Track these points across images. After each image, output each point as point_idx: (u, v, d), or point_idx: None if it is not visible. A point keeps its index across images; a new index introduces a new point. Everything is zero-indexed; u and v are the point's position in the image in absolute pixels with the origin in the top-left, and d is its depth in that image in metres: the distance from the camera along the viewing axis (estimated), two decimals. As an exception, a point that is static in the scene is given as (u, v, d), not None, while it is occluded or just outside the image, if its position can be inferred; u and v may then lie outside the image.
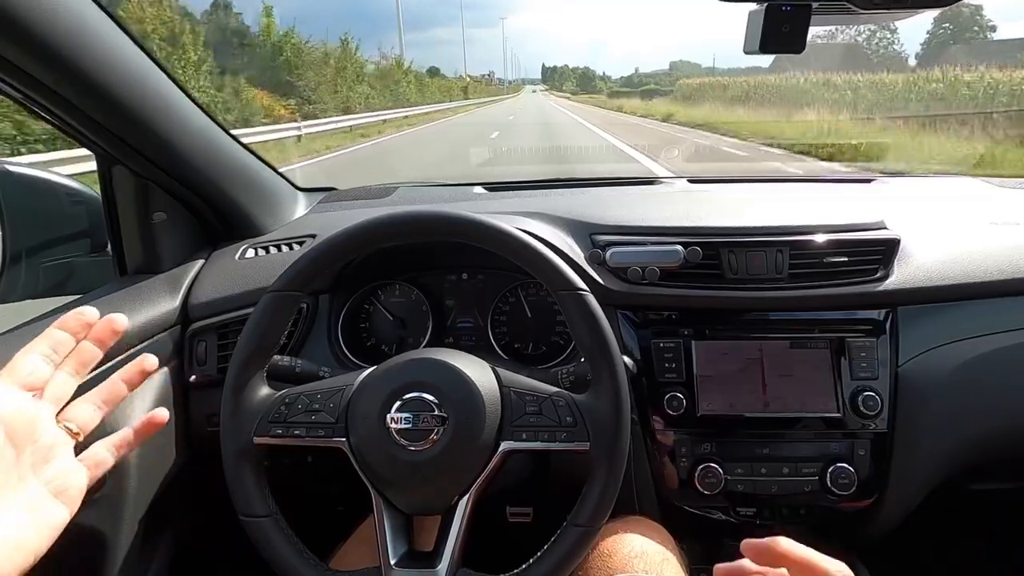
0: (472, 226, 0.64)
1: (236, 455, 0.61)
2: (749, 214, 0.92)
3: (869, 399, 0.81)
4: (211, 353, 0.85)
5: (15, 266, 0.84)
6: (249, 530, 0.61)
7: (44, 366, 0.48)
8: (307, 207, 1.13)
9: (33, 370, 0.48)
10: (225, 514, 0.63)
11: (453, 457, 0.59)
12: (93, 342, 0.52)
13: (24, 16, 0.57)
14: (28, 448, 0.45)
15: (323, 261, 0.66)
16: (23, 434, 0.45)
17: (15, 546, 0.42)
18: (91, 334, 0.52)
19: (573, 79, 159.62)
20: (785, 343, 0.85)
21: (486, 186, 1.22)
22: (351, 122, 17.63)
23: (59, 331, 0.50)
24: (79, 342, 0.51)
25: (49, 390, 0.48)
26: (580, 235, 0.90)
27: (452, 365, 0.62)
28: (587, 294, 0.62)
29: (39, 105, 0.68)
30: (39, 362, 0.48)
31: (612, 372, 0.60)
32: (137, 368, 0.55)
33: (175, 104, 0.80)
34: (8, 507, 0.42)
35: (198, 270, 0.92)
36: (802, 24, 0.54)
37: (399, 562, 0.60)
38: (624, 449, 0.60)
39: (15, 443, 0.44)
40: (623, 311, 0.88)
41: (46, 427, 0.47)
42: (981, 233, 0.93)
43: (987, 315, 0.86)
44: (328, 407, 0.62)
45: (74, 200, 0.92)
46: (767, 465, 0.83)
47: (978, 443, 0.85)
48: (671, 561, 0.72)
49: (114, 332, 0.53)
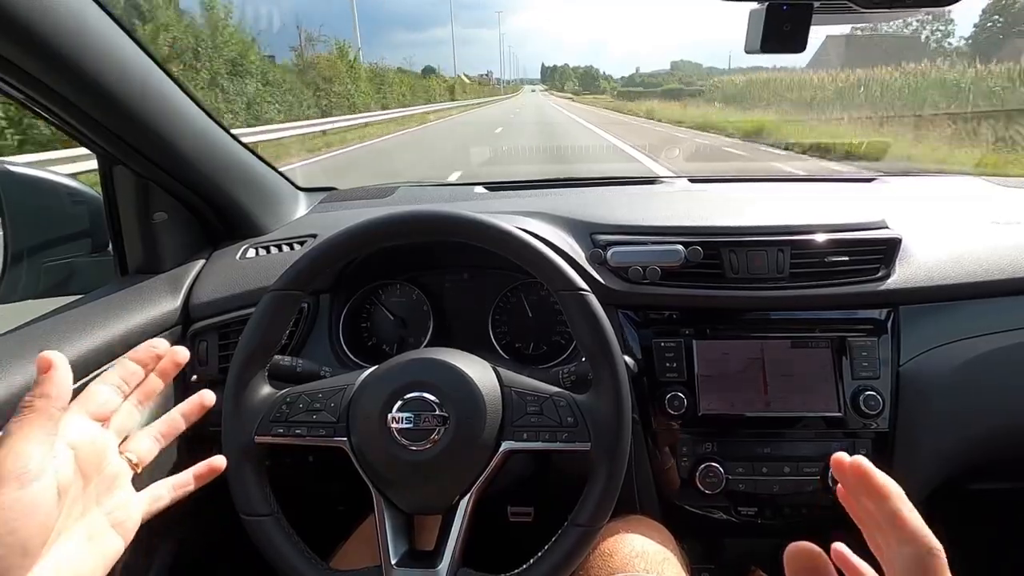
0: (473, 226, 0.64)
1: (237, 454, 0.61)
2: (750, 213, 0.91)
3: (870, 399, 0.81)
4: (212, 353, 0.85)
5: (16, 266, 0.84)
6: (250, 529, 0.61)
7: (115, 396, 0.49)
8: (308, 207, 1.14)
9: (106, 400, 0.48)
10: (226, 513, 0.63)
11: (454, 457, 0.59)
12: (157, 374, 0.53)
13: (25, 16, 0.57)
14: (95, 479, 0.46)
15: (324, 261, 0.66)
16: (92, 465, 0.45)
17: (73, 571, 0.42)
18: (158, 369, 0.53)
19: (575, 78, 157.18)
20: (786, 343, 0.85)
21: (487, 186, 1.22)
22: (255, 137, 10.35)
23: (131, 362, 0.51)
24: (148, 374, 0.52)
25: (116, 421, 0.49)
26: (581, 235, 0.90)
27: (453, 365, 0.62)
28: (588, 294, 0.62)
29: (40, 105, 0.68)
30: (111, 392, 0.49)
31: (613, 372, 0.60)
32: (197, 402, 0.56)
33: (176, 104, 0.80)
34: (70, 536, 0.43)
35: (199, 270, 0.92)
36: (803, 23, 0.54)
37: (400, 561, 0.60)
38: (625, 449, 0.60)
39: (84, 473, 0.44)
40: (624, 311, 0.88)
41: (111, 458, 0.47)
42: (983, 232, 0.93)
43: (988, 315, 0.86)
44: (329, 407, 0.62)
45: (75, 200, 0.92)
46: (768, 464, 0.83)
47: (979, 443, 0.85)
48: (672, 561, 0.72)
49: (176, 365, 0.54)
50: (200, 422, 0.83)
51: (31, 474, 0.39)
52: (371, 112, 21.60)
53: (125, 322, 0.76)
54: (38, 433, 0.40)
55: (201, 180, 0.88)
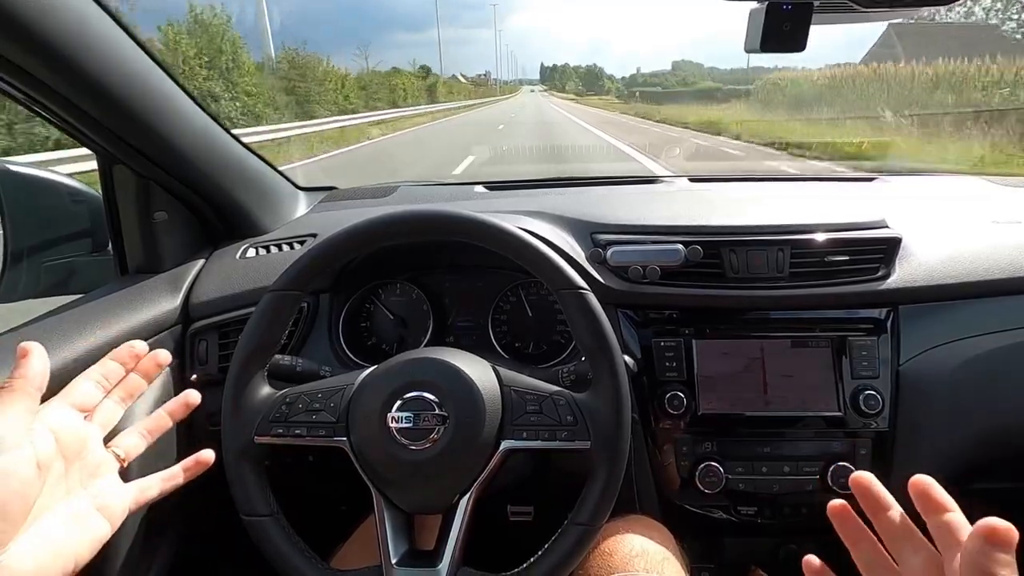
0: (472, 225, 0.64)
1: (237, 455, 0.61)
2: (750, 213, 0.91)
3: (870, 398, 0.81)
4: (212, 352, 0.85)
5: (16, 265, 0.85)
6: (251, 530, 0.61)
7: (96, 391, 0.53)
8: (308, 206, 1.14)
9: (87, 393, 0.52)
10: (226, 513, 0.63)
11: (454, 456, 0.59)
12: (140, 374, 0.57)
13: (25, 15, 0.57)
14: (76, 463, 0.49)
15: (324, 260, 0.66)
16: (73, 449, 0.48)
17: (58, 551, 0.44)
18: (140, 369, 0.57)
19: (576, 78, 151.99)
20: (786, 342, 0.85)
21: (487, 185, 1.22)
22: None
23: (112, 361, 0.55)
24: (128, 372, 0.56)
25: (98, 415, 0.53)
26: (581, 234, 0.90)
27: (452, 364, 0.62)
28: (587, 292, 0.62)
29: (40, 104, 0.68)
30: (92, 387, 0.52)
31: (612, 370, 0.60)
32: (182, 401, 0.59)
33: (176, 103, 0.80)
34: (54, 514, 0.46)
35: (199, 269, 0.92)
36: (803, 22, 0.54)
37: (400, 561, 0.60)
38: (625, 447, 0.60)
39: (65, 456, 0.47)
40: (624, 310, 0.88)
41: (94, 447, 0.51)
42: (983, 232, 0.93)
43: (989, 314, 0.85)
44: (329, 406, 0.62)
45: (75, 199, 0.92)
46: (768, 464, 0.83)
47: (979, 442, 0.85)
48: (672, 560, 0.72)
49: (158, 365, 0.58)
50: (200, 422, 0.84)
51: (6, 443, 0.42)
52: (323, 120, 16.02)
53: (125, 322, 0.76)
54: (15, 409, 0.44)
55: (201, 179, 0.88)
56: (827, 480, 0.81)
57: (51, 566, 0.43)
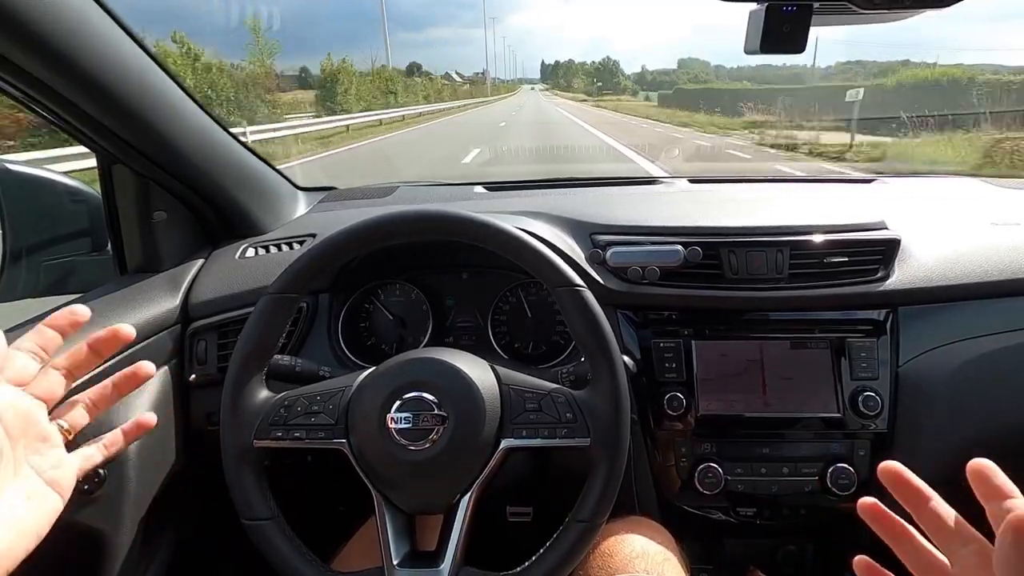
0: (470, 225, 0.64)
1: (236, 458, 0.61)
2: (749, 214, 0.91)
3: (869, 399, 0.81)
4: (211, 352, 0.85)
5: (15, 265, 0.84)
6: (252, 533, 0.61)
7: (31, 362, 0.49)
8: (307, 206, 1.14)
9: (22, 365, 0.49)
10: (226, 513, 0.63)
11: (454, 456, 0.59)
12: (91, 349, 0.53)
13: (24, 14, 0.57)
14: (22, 440, 0.47)
15: (323, 261, 0.66)
16: (17, 427, 0.47)
17: (16, 528, 0.44)
18: (91, 341, 0.53)
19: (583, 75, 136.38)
20: (785, 343, 0.85)
21: (486, 185, 1.22)
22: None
23: (47, 328, 0.51)
24: (66, 339, 0.52)
25: (39, 387, 0.50)
26: (580, 235, 0.90)
27: (451, 364, 0.62)
28: (584, 290, 0.62)
29: (39, 103, 0.68)
30: (26, 358, 0.49)
31: (611, 367, 0.61)
32: (130, 373, 0.56)
33: (175, 103, 0.80)
34: (7, 496, 0.45)
35: (198, 269, 0.92)
36: (802, 24, 0.54)
37: (402, 562, 0.60)
38: (625, 444, 0.60)
39: (10, 435, 0.46)
40: (623, 311, 0.88)
41: (38, 422, 0.49)
42: (982, 233, 0.93)
43: (988, 315, 0.86)
44: (328, 408, 0.62)
45: (74, 199, 0.92)
46: (767, 465, 0.83)
47: (978, 443, 0.85)
48: (672, 561, 0.72)
49: (118, 341, 0.54)
50: (199, 422, 0.84)
51: None
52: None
53: (124, 321, 0.76)
54: None
55: (200, 179, 0.88)
56: (826, 481, 0.81)
57: (17, 546, 0.44)
